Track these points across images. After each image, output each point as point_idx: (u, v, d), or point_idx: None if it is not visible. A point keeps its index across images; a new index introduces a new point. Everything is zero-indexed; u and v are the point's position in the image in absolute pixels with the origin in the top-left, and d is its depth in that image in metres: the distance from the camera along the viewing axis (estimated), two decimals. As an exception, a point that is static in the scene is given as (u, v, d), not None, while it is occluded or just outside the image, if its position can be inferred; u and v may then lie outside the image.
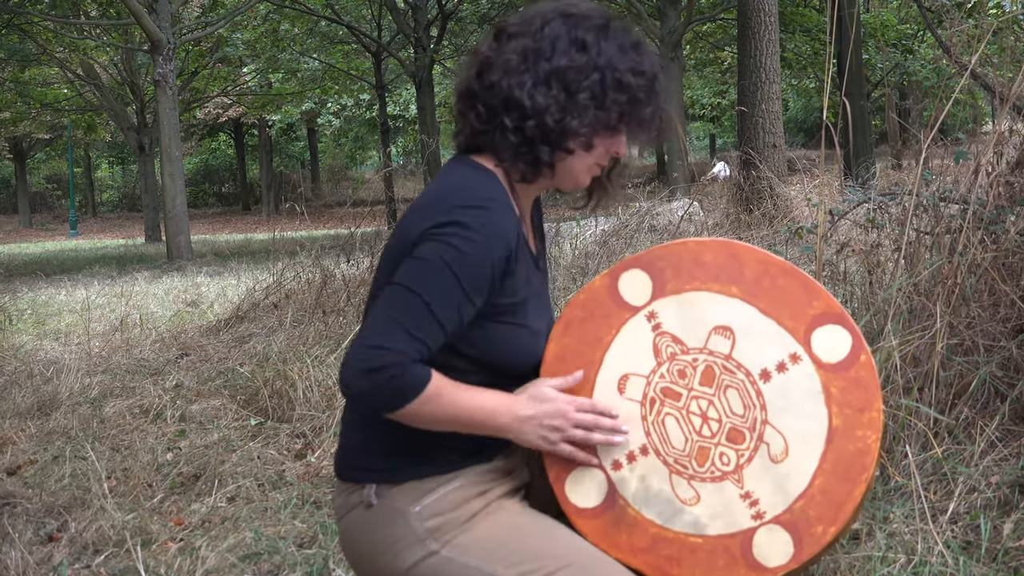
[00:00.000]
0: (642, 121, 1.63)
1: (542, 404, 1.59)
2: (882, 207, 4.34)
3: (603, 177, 1.73)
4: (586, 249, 6.59)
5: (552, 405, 1.60)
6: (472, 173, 1.61)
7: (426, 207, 1.57)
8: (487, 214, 1.53)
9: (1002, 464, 2.84)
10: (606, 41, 1.59)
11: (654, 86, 1.62)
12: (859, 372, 1.56)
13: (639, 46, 1.62)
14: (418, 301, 1.49)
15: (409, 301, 1.50)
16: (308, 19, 21.85)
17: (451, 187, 1.59)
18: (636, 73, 1.60)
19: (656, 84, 1.62)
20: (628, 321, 1.67)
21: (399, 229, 1.60)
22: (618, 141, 1.65)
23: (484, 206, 1.54)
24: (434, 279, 1.50)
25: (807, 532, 1.53)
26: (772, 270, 1.62)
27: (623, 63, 1.59)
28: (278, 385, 4.58)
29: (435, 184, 1.63)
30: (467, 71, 1.64)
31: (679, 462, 1.61)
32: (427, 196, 1.61)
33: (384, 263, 1.62)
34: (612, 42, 1.60)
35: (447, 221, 1.51)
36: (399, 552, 1.58)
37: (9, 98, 24.39)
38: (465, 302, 1.52)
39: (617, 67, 1.59)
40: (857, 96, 15.44)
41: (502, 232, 1.54)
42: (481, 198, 1.55)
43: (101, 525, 3.16)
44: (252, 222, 31.17)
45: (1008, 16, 6.95)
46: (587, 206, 1.80)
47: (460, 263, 1.50)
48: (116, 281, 11.69)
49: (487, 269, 1.53)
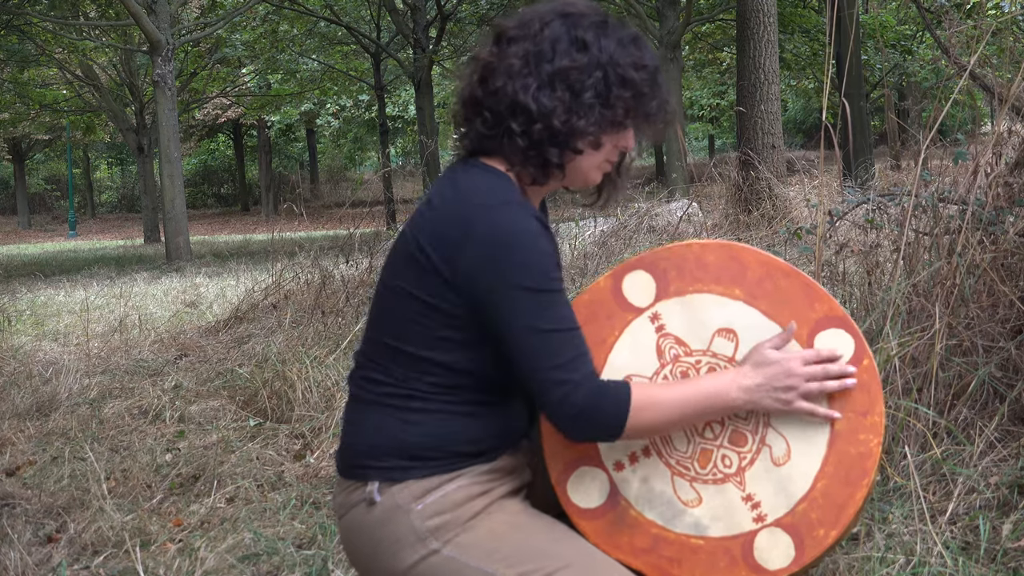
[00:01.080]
0: (648, 114, 1.63)
1: (769, 367, 1.57)
2: (881, 208, 4.34)
3: (612, 172, 1.73)
4: (585, 250, 6.59)
5: (778, 367, 1.56)
6: (486, 176, 1.61)
7: (450, 219, 1.55)
8: (516, 215, 1.54)
9: (1001, 465, 2.84)
10: (606, 38, 1.60)
11: (656, 79, 1.63)
12: (861, 376, 1.56)
13: (638, 40, 1.63)
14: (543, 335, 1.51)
15: (540, 340, 1.51)
16: (307, 20, 21.86)
17: (470, 190, 1.58)
18: (638, 67, 1.60)
19: (658, 76, 1.63)
20: (632, 322, 1.67)
21: (425, 233, 1.58)
22: (625, 136, 1.65)
23: (510, 205, 1.54)
24: (532, 306, 1.51)
25: (808, 535, 1.53)
26: (774, 272, 1.62)
27: (624, 58, 1.59)
28: (277, 386, 4.58)
29: (451, 189, 1.60)
30: (469, 77, 1.64)
31: (681, 464, 1.61)
32: (448, 204, 1.58)
33: (397, 264, 1.62)
34: (611, 38, 1.60)
35: (492, 245, 1.51)
36: (400, 551, 1.58)
37: (8, 99, 24.38)
38: (562, 295, 1.55)
39: (619, 63, 1.59)
40: (856, 97, 15.44)
41: (533, 229, 1.54)
42: (504, 202, 1.55)
43: (100, 526, 3.16)
44: (251, 223, 31.18)
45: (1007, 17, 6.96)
46: (597, 202, 1.80)
47: (533, 276, 1.51)
48: (115, 282, 11.69)
49: (550, 258, 1.55)
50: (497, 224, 1.52)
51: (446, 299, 1.56)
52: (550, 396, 1.51)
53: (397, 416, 1.61)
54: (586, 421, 1.51)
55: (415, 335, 1.60)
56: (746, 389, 1.56)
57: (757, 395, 1.56)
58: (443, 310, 1.57)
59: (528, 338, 1.51)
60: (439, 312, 1.57)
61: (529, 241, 1.52)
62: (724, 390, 1.56)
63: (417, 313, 1.59)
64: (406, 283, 1.59)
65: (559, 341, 1.52)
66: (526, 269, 1.51)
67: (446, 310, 1.57)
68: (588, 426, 1.53)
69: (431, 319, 1.58)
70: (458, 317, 1.57)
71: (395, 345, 1.62)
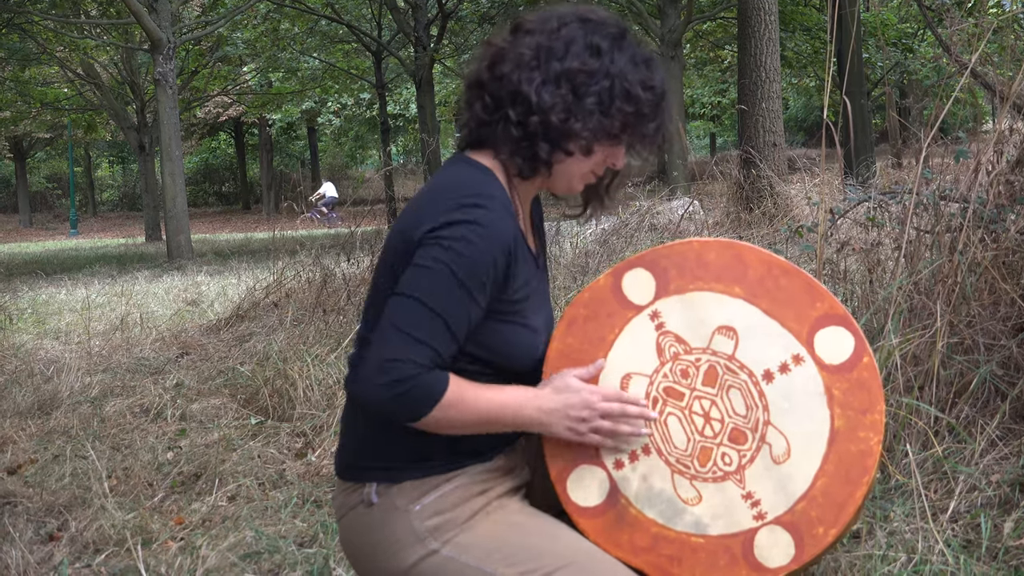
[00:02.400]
0: (644, 136, 1.63)
1: (567, 395, 1.60)
2: (882, 206, 4.34)
3: (599, 188, 1.74)
4: (586, 248, 6.59)
5: (577, 396, 1.59)
6: (469, 170, 1.62)
7: (423, 207, 1.58)
8: (484, 213, 1.53)
9: (1002, 463, 2.84)
10: (620, 51, 1.60)
11: (661, 103, 1.63)
12: (862, 374, 1.56)
13: (651, 62, 1.63)
14: (424, 309, 1.50)
15: (415, 310, 1.50)
16: (308, 18, 21.85)
17: (447, 185, 1.60)
18: (645, 87, 1.60)
19: (663, 102, 1.63)
20: (631, 320, 1.67)
21: (398, 226, 1.61)
22: (617, 152, 1.65)
23: (481, 204, 1.54)
24: (437, 285, 1.50)
25: (808, 533, 1.53)
26: (775, 271, 1.62)
27: (634, 75, 1.60)
28: (278, 384, 4.58)
29: (432, 182, 1.63)
30: (479, 61, 1.65)
31: (681, 462, 1.61)
32: (424, 195, 1.62)
33: (383, 261, 1.62)
34: (625, 53, 1.60)
35: (445, 223, 1.52)
36: (399, 551, 1.59)
37: (9, 97, 24.38)
38: (471, 304, 1.52)
39: (627, 78, 1.59)
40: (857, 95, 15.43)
41: (500, 231, 1.54)
42: (478, 195, 1.55)
43: (101, 524, 3.16)
44: (252, 221, 31.18)
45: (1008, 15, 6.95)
46: (582, 215, 1.81)
47: (461, 265, 1.50)
48: (116, 280, 11.70)
49: (489, 268, 1.53)
50: (462, 208, 1.53)
51: None
52: (380, 354, 1.49)
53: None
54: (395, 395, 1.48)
55: None
56: (542, 411, 1.59)
57: (551, 418, 1.59)
58: None
59: (409, 304, 1.50)
60: None
61: (482, 236, 1.51)
62: (523, 407, 1.58)
63: None
64: (392, 281, 1.58)
65: (429, 324, 1.50)
66: (461, 258, 1.50)
67: None
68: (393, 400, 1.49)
69: None
70: None
71: None
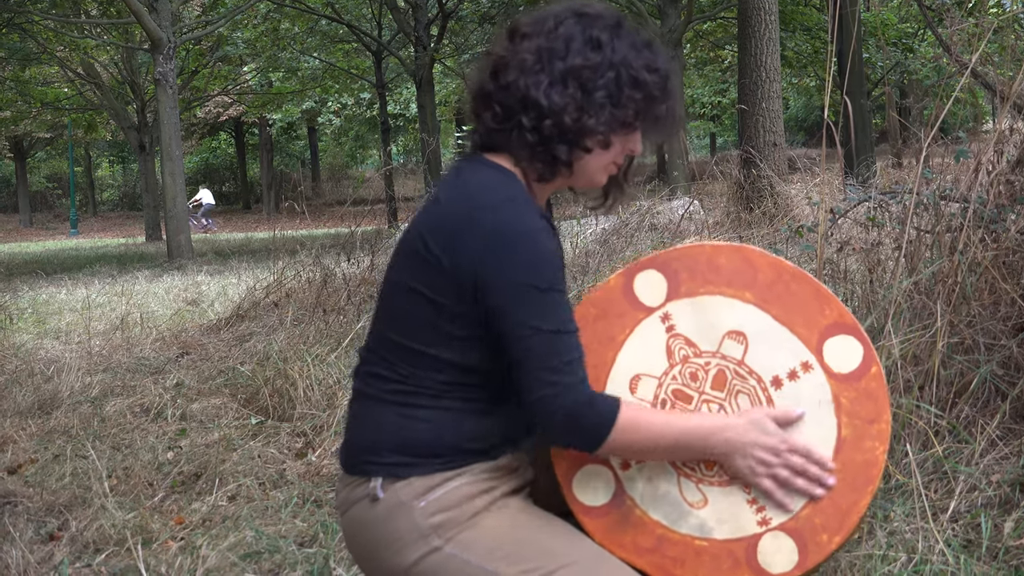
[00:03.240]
0: (657, 118, 1.63)
1: (762, 435, 1.56)
2: (883, 206, 4.34)
3: (619, 176, 1.74)
4: (587, 247, 6.59)
5: (771, 439, 1.56)
6: (492, 172, 1.61)
7: (461, 216, 1.55)
8: (520, 215, 1.53)
9: (1003, 463, 2.84)
10: (619, 40, 1.60)
11: (667, 83, 1.63)
12: (870, 384, 1.57)
13: (652, 44, 1.63)
14: (543, 335, 1.50)
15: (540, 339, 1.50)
16: (308, 18, 21.86)
17: (477, 188, 1.58)
18: (651, 70, 1.60)
19: (669, 81, 1.63)
20: (642, 321, 1.67)
21: (422, 227, 1.59)
22: (634, 138, 1.65)
23: (515, 203, 1.54)
24: (536, 304, 1.50)
25: (812, 540, 1.53)
26: (785, 276, 1.62)
27: (637, 60, 1.59)
28: (279, 384, 4.58)
29: (458, 187, 1.60)
30: (481, 72, 1.64)
31: (688, 465, 1.61)
32: (453, 200, 1.59)
33: (404, 262, 1.62)
34: (625, 40, 1.60)
35: (497, 241, 1.51)
36: (402, 547, 1.58)
37: (10, 97, 24.39)
38: (564, 296, 1.54)
39: (632, 64, 1.59)
40: (857, 95, 15.42)
41: (538, 227, 1.54)
42: (509, 198, 1.55)
43: (102, 524, 3.16)
44: (252, 221, 31.19)
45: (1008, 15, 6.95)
46: (603, 205, 1.80)
47: (538, 275, 1.51)
48: (117, 280, 11.70)
49: (554, 257, 1.54)
50: (503, 221, 1.52)
51: (448, 294, 1.56)
52: (537, 394, 1.51)
53: (401, 412, 1.61)
54: (568, 427, 1.51)
55: (420, 331, 1.60)
56: (730, 443, 1.56)
57: (736, 451, 1.56)
58: (446, 306, 1.57)
59: (527, 335, 1.51)
60: (442, 308, 1.57)
61: (534, 239, 1.52)
62: (712, 434, 1.56)
63: (421, 309, 1.59)
64: (410, 279, 1.59)
65: (557, 342, 1.51)
66: (531, 267, 1.51)
67: (449, 306, 1.57)
68: (568, 432, 1.52)
69: (434, 315, 1.58)
70: (461, 314, 1.56)
71: (400, 341, 1.62)
